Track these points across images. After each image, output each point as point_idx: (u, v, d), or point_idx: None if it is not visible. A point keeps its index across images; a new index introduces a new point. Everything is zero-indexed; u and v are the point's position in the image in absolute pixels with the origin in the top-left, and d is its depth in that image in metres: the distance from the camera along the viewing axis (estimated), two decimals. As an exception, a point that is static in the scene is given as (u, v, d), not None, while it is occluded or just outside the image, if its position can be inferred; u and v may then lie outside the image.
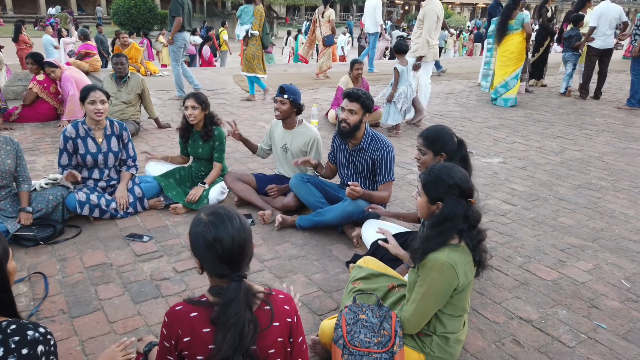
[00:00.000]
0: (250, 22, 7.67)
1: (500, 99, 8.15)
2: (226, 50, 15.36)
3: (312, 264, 3.11)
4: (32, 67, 6.50)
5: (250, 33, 7.66)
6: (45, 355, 1.48)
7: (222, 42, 14.97)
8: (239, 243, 1.50)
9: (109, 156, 3.73)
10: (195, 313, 1.50)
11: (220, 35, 14.89)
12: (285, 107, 3.78)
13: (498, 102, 8.19)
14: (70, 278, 2.87)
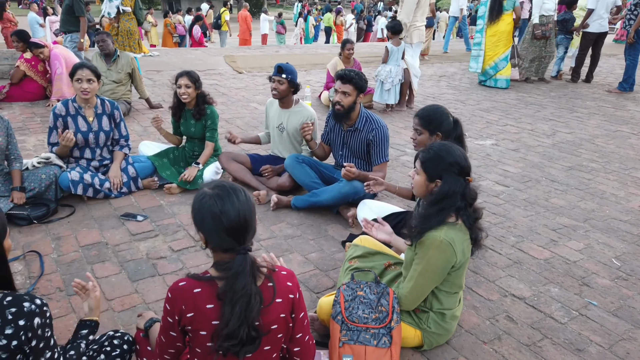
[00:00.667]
0: (119, 3, 7.24)
1: (491, 80, 8.17)
2: (227, 30, 15.07)
3: (308, 243, 3.13)
4: (17, 44, 6.33)
5: (122, 9, 7.34)
6: (41, 328, 1.49)
7: (224, 22, 14.67)
8: (244, 216, 1.50)
9: (100, 135, 3.69)
10: (199, 289, 1.50)
11: (222, 15, 14.58)
12: (283, 87, 3.76)
13: (488, 83, 8.21)
14: (66, 257, 2.85)
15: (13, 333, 1.43)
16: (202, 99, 3.87)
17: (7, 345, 1.43)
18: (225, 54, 10.84)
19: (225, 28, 14.94)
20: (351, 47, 6.49)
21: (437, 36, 19.12)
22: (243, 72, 8.92)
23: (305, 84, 7.22)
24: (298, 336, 1.67)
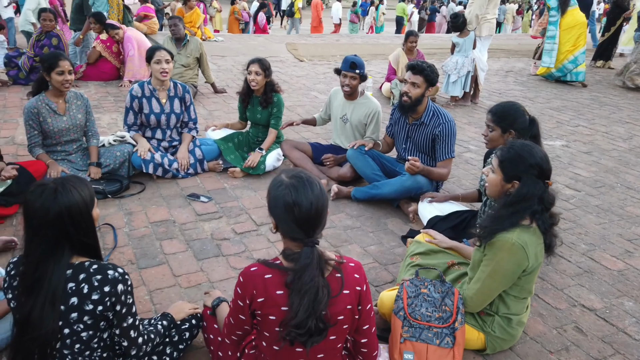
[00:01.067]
0: (106, 10, 7.11)
1: (571, 74, 7.76)
2: (298, 17, 15.10)
3: (367, 235, 3.12)
4: (94, 26, 6.66)
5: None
6: (124, 294, 1.57)
7: (297, 10, 14.72)
8: (316, 208, 1.51)
9: (171, 117, 3.83)
10: (269, 275, 1.53)
11: (295, 2, 14.64)
12: (355, 82, 3.75)
13: (568, 77, 7.80)
14: (137, 231, 3.00)
15: (99, 299, 1.52)
16: (270, 87, 3.92)
17: (93, 310, 1.52)
18: (287, 41, 10.92)
19: (297, 15, 14.93)
20: (414, 39, 6.35)
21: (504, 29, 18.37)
22: (304, 60, 8.97)
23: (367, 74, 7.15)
24: (365, 327, 1.67)
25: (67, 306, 1.51)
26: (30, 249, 1.51)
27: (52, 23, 6.03)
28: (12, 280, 1.57)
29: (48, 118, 3.25)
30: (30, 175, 3.15)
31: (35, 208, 1.47)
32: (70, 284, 1.52)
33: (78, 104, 3.41)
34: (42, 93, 3.27)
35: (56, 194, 1.47)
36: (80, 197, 1.52)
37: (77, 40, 7.06)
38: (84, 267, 1.55)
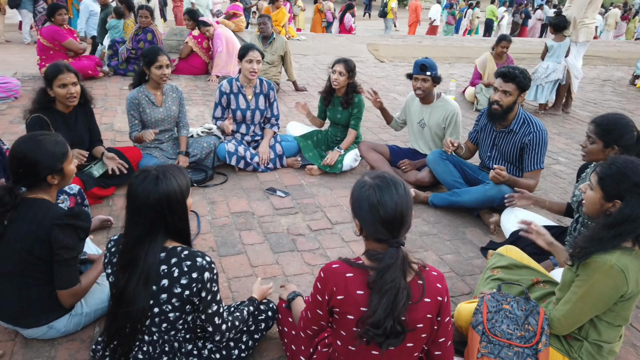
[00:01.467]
0: (120, 36, 7.06)
1: None
2: (391, 18, 14.96)
3: (443, 243, 3.03)
4: (188, 22, 7.04)
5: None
6: (210, 282, 1.65)
7: (389, 10, 14.65)
8: (401, 209, 1.49)
9: (255, 113, 3.96)
10: (351, 274, 1.53)
11: (388, 3, 14.60)
12: (428, 85, 3.66)
13: None
14: (218, 220, 3.13)
15: (187, 283, 1.60)
16: (352, 88, 3.93)
17: (181, 294, 1.61)
18: (368, 42, 10.90)
19: (390, 16, 14.82)
20: (507, 45, 6.05)
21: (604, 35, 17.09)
22: (385, 61, 8.90)
23: (450, 77, 6.96)
24: (441, 340, 1.62)
25: (158, 287, 1.61)
26: (129, 229, 1.63)
27: (148, 19, 6.45)
28: (112, 256, 1.70)
29: (147, 108, 3.48)
30: (127, 160, 3.39)
31: (138, 192, 1.58)
32: (163, 267, 1.62)
33: (173, 96, 3.62)
34: (142, 85, 3.51)
35: (157, 180, 1.58)
36: (178, 185, 1.61)
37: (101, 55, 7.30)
38: (176, 251, 1.64)
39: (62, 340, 2.02)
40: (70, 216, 1.86)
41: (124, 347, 1.65)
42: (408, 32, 15.02)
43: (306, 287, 2.50)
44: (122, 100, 5.51)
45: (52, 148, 1.89)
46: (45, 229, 1.81)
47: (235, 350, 1.86)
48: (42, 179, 1.89)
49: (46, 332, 1.97)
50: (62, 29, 5.94)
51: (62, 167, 1.92)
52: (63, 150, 1.94)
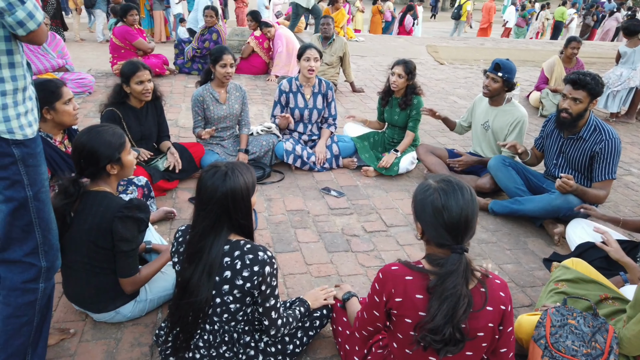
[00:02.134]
0: None
1: None
2: (464, 20, 14.61)
3: (503, 252, 2.93)
4: (251, 23, 7.21)
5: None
6: (270, 276, 1.68)
7: (464, 12, 14.37)
8: (466, 214, 1.46)
9: (313, 112, 4.00)
10: (410, 277, 1.52)
11: (463, 5, 14.33)
12: (496, 85, 3.54)
13: None
14: (275, 217, 3.19)
15: (248, 276, 1.65)
16: (411, 90, 3.88)
17: (242, 286, 1.65)
18: (427, 43, 10.72)
19: (464, 18, 14.51)
20: (577, 45, 5.78)
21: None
22: (444, 63, 8.72)
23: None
24: (502, 350, 1.57)
25: (221, 278, 1.66)
26: (197, 221, 1.69)
27: (213, 19, 6.66)
28: (179, 246, 1.77)
29: (211, 106, 3.61)
30: (191, 155, 3.53)
31: (207, 186, 1.64)
32: (226, 259, 1.67)
33: (236, 95, 3.73)
34: (208, 83, 3.63)
35: (225, 176, 1.63)
36: (244, 182, 1.67)
37: None
38: (240, 245, 1.69)
39: (128, 324, 2.13)
40: (130, 208, 1.93)
41: (186, 334, 1.71)
42: (478, 34, 14.57)
43: (360, 288, 2.50)
44: (186, 97, 5.73)
45: (110, 138, 1.98)
46: (107, 221, 1.89)
47: (290, 345, 1.89)
48: (102, 169, 1.98)
49: (113, 317, 2.09)
50: (133, 29, 6.26)
51: (120, 156, 2.00)
52: (121, 140, 2.02)
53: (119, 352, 1.98)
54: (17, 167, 1.52)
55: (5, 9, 1.40)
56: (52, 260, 1.66)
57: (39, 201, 1.59)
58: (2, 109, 1.49)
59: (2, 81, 1.49)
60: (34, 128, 1.58)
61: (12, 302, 1.59)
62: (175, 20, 10.94)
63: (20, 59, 1.54)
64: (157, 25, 10.55)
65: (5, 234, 1.56)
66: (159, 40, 10.37)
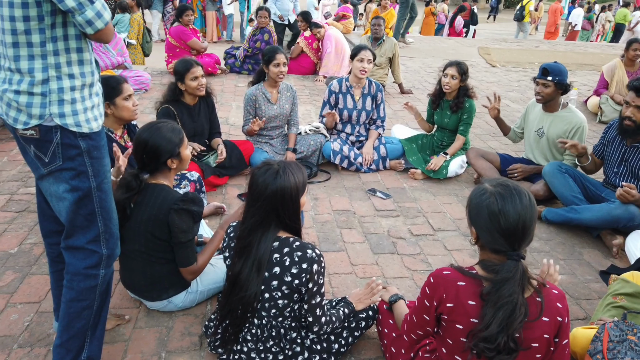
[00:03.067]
0: (127, 30, 6.84)
1: None
2: (527, 21, 14.05)
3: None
4: (301, 24, 7.27)
5: (128, 42, 6.79)
6: (317, 274, 1.69)
7: (527, 13, 13.96)
8: (524, 220, 1.42)
9: (362, 114, 3.99)
10: (463, 282, 1.49)
11: (526, 6, 13.95)
12: (548, 90, 3.41)
13: None
14: (321, 216, 3.21)
15: (297, 273, 1.67)
16: (463, 92, 3.80)
17: (290, 282, 1.68)
18: (479, 45, 10.46)
19: (527, 19, 14.08)
20: (639, 47, 5.48)
21: None
22: (497, 65, 8.48)
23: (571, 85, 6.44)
24: (557, 364, 1.52)
25: (270, 274, 1.69)
26: (247, 217, 1.73)
27: (266, 20, 6.78)
28: (230, 241, 1.82)
29: (262, 105, 3.67)
30: (240, 152, 3.61)
31: (258, 182, 1.68)
32: (276, 255, 1.70)
33: (287, 95, 3.78)
34: (261, 83, 3.70)
35: (277, 175, 1.66)
36: (294, 182, 1.69)
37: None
38: (289, 242, 1.72)
39: (179, 313, 2.21)
40: (185, 201, 1.99)
41: (235, 327, 1.75)
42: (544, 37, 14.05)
43: (405, 292, 2.47)
44: (237, 96, 5.85)
45: (170, 134, 2.06)
46: (163, 213, 1.97)
47: (335, 344, 1.89)
48: (163, 163, 2.06)
49: (166, 306, 2.16)
50: (188, 29, 6.46)
51: (179, 151, 2.08)
52: (180, 136, 2.10)
53: (170, 340, 2.05)
54: (83, 159, 1.60)
55: (75, 9, 1.46)
56: (112, 248, 1.73)
57: (102, 191, 1.66)
58: (71, 103, 1.56)
59: (72, 77, 1.57)
60: (99, 122, 1.66)
61: (75, 287, 1.67)
62: (226, 21, 11.21)
63: (89, 56, 1.63)
64: (209, 25, 10.84)
65: (70, 221, 1.64)
66: (211, 40, 10.65)
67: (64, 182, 1.60)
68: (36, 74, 1.51)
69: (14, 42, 1.48)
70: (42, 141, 1.56)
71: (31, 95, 1.51)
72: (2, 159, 3.79)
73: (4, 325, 2.07)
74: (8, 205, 3.09)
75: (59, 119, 1.54)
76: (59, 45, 1.52)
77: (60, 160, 1.57)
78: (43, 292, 2.29)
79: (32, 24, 1.46)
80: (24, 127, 1.54)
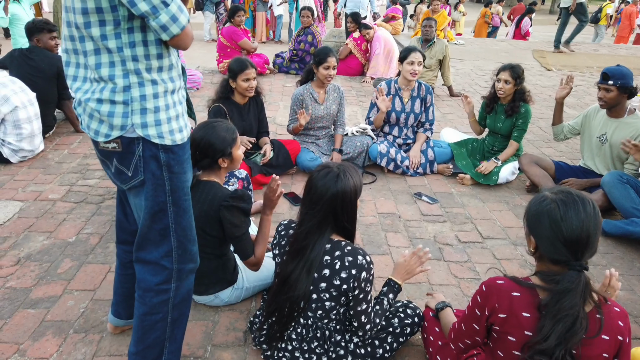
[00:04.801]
0: None
1: None
2: (604, 24, 13.60)
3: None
4: (350, 25, 7.26)
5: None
6: (364, 281, 1.68)
7: (603, 16, 13.47)
8: (587, 229, 1.36)
9: (410, 116, 3.93)
10: (517, 293, 1.44)
11: (603, 8, 13.43)
12: (611, 95, 3.24)
13: None
14: (365, 219, 3.18)
15: (345, 277, 1.66)
16: (519, 96, 3.67)
17: (339, 286, 1.67)
18: (533, 48, 10.10)
19: (603, 22, 13.53)
20: None
21: None
22: (552, 69, 8.16)
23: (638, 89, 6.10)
24: (617, 385, 1.43)
25: (320, 275, 1.69)
26: (304, 220, 1.73)
27: (309, 19, 6.79)
28: (281, 239, 1.83)
29: (309, 105, 3.69)
30: (287, 152, 3.64)
31: (318, 186, 1.68)
32: (327, 257, 1.69)
33: (335, 95, 3.78)
34: (309, 83, 3.72)
35: (337, 178, 1.67)
36: (354, 185, 1.69)
37: None
38: (341, 245, 1.71)
39: (225, 308, 2.25)
40: (234, 198, 2.02)
41: (281, 325, 1.76)
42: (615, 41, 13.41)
43: (451, 300, 2.41)
44: (284, 96, 5.91)
45: (224, 133, 2.10)
46: (214, 209, 2.00)
47: (379, 349, 1.87)
48: (215, 161, 2.09)
49: (212, 300, 2.21)
50: (239, 30, 6.58)
51: (231, 151, 2.11)
52: (233, 136, 2.13)
53: (216, 335, 2.09)
54: (162, 172, 1.53)
55: (149, 12, 1.37)
56: (184, 263, 1.65)
57: (178, 207, 1.59)
58: (154, 112, 1.49)
59: (155, 83, 1.49)
60: (184, 134, 1.58)
61: (148, 302, 1.61)
62: (275, 21, 11.34)
63: (173, 61, 1.55)
64: (258, 25, 11.02)
65: (142, 234, 1.59)
66: (260, 40, 10.82)
67: (141, 194, 1.55)
68: (117, 80, 1.44)
69: (95, 48, 1.42)
70: (125, 154, 1.49)
71: (113, 104, 1.45)
72: (63, 151, 3.99)
73: (61, 311, 2.17)
74: (67, 196, 3.25)
75: (141, 130, 1.47)
76: (137, 51, 1.44)
77: (142, 175, 1.52)
78: (98, 281, 2.39)
79: (108, 29, 1.40)
80: (106, 139, 1.48)
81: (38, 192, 3.27)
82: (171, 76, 1.55)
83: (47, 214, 2.99)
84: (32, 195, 3.23)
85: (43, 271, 2.44)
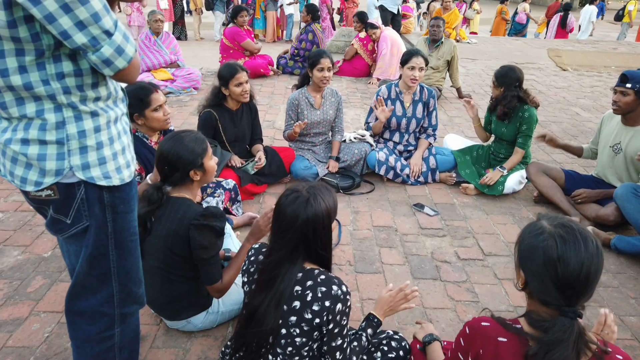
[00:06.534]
0: None
1: None
2: (627, 22, 13.13)
3: (627, 301, 2.46)
4: (357, 25, 7.07)
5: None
6: (340, 314, 1.51)
7: (626, 13, 12.97)
8: (587, 272, 1.18)
9: (411, 121, 3.74)
10: (504, 339, 1.25)
11: (626, 5, 13.03)
12: (628, 99, 3.00)
13: None
14: (360, 232, 3.01)
15: (318, 310, 1.49)
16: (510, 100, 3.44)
17: (311, 320, 1.50)
18: (548, 46, 9.78)
19: (627, 19, 13.10)
20: None
21: None
22: (568, 69, 7.86)
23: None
24: None
25: (289, 308, 1.53)
26: (273, 249, 1.57)
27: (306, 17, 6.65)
28: (250, 266, 1.67)
29: (305, 110, 3.53)
30: (281, 160, 3.48)
31: (287, 212, 1.51)
32: (297, 287, 1.53)
33: (332, 100, 3.61)
34: (305, 87, 3.56)
35: (307, 203, 1.50)
36: (326, 209, 1.53)
37: None
38: (313, 274, 1.54)
39: (198, 334, 2.10)
40: (205, 216, 1.87)
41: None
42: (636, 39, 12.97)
43: (446, 326, 2.23)
44: (287, 99, 5.75)
45: (192, 144, 1.95)
46: (183, 228, 1.86)
47: (359, 386, 1.70)
48: (186, 175, 1.95)
49: (185, 326, 2.06)
50: (242, 30, 6.44)
51: (202, 162, 1.97)
52: (203, 146, 1.99)
53: (186, 364, 1.95)
54: (104, 214, 1.34)
55: (87, 45, 1.15)
56: (128, 307, 1.48)
57: (122, 249, 1.41)
58: (96, 149, 1.28)
59: (95, 115, 1.27)
60: (131, 169, 1.40)
61: (88, 352, 1.45)
62: (286, 20, 11.20)
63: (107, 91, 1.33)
64: (269, 25, 10.89)
65: (78, 282, 1.40)
66: (271, 40, 10.69)
67: (80, 240, 1.36)
68: (47, 115, 1.21)
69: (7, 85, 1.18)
70: (64, 199, 1.28)
71: (44, 145, 1.22)
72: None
73: (24, 335, 2.05)
74: (51, 205, 3.14)
75: (82, 173, 1.27)
76: (68, 82, 1.22)
77: (86, 220, 1.32)
78: (69, 301, 2.27)
79: (28, 60, 1.16)
80: (37, 188, 1.26)
81: (20, 202, 3.17)
82: (111, 102, 1.35)
83: (26, 226, 2.88)
84: (13, 205, 3.13)
85: (12, 290, 2.32)
